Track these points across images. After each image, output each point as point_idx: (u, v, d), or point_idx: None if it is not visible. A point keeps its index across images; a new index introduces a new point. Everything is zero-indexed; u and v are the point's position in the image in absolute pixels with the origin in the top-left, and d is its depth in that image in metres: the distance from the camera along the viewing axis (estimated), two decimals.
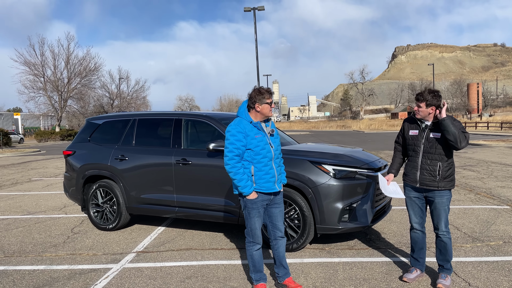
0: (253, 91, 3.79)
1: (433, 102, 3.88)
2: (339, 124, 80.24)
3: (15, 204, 8.79)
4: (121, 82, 58.78)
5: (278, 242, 3.96)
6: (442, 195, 3.94)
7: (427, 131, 3.99)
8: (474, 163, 14.17)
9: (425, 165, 3.98)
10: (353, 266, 4.55)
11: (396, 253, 4.97)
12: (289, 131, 66.36)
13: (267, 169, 3.77)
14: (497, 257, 4.72)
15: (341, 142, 29.50)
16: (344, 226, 4.88)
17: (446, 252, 3.99)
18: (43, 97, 44.71)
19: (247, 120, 3.79)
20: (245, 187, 3.69)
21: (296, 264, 4.66)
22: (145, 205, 6.04)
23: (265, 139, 3.79)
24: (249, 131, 3.73)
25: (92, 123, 6.95)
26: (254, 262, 3.90)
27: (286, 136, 6.91)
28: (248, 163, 3.75)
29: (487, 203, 7.65)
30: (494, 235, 5.58)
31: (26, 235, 6.29)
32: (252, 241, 3.87)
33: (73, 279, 4.44)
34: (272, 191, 3.82)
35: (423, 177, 3.98)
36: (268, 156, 3.77)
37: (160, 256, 5.10)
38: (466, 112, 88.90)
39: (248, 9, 25.54)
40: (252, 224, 3.83)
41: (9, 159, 22.40)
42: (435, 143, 3.92)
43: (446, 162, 3.93)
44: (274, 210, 3.95)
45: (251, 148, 3.72)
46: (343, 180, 4.92)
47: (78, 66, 46.06)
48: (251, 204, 3.77)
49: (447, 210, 3.97)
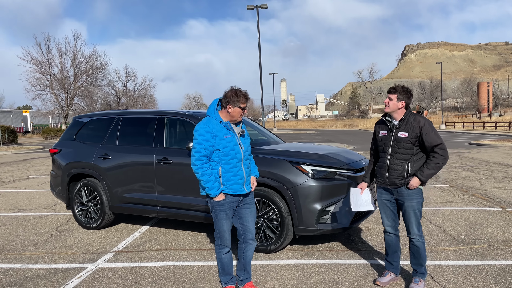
0: (230, 90, 3.65)
1: (403, 97, 3.83)
2: (346, 123, 79.87)
3: (7, 202, 8.82)
4: (127, 80, 59.05)
5: (247, 246, 3.83)
6: (412, 199, 3.84)
7: (395, 131, 3.89)
8: (475, 164, 13.95)
9: (393, 165, 3.87)
10: (328, 269, 4.47)
11: (376, 256, 4.87)
12: (294, 130, 66.23)
13: (235, 170, 3.66)
14: (479, 261, 4.60)
15: (345, 141, 29.29)
16: (322, 227, 4.80)
17: (420, 256, 3.89)
18: (50, 95, 45.05)
19: (216, 119, 3.66)
20: (212, 188, 3.59)
21: (271, 266, 4.59)
22: (127, 204, 6.00)
23: (234, 140, 3.68)
24: (218, 131, 3.60)
25: (78, 121, 6.93)
26: (223, 265, 3.82)
27: (272, 135, 6.83)
28: (216, 164, 3.63)
29: (480, 204, 7.50)
30: (480, 238, 5.45)
31: (10, 233, 6.30)
32: (221, 244, 3.77)
33: (46, 278, 4.41)
34: (241, 193, 3.72)
35: (391, 177, 3.88)
36: (237, 157, 3.66)
37: (138, 256, 5.05)
38: (476, 112, 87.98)
39: (251, 7, 25.41)
40: (220, 226, 3.73)
41: (13, 156, 22.59)
42: (402, 143, 3.83)
43: (414, 162, 3.83)
44: (245, 211, 3.82)
45: (219, 149, 3.60)
46: (322, 180, 4.83)
47: (84, 64, 46.33)
48: (219, 206, 3.67)
49: (417, 213, 3.86)
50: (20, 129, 62.07)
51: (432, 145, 3.74)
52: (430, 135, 3.73)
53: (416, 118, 3.82)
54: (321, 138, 37.33)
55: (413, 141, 3.79)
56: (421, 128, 3.76)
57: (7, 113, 65.05)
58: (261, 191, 4.97)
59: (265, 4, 25.18)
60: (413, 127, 3.79)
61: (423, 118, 3.81)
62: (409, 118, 3.85)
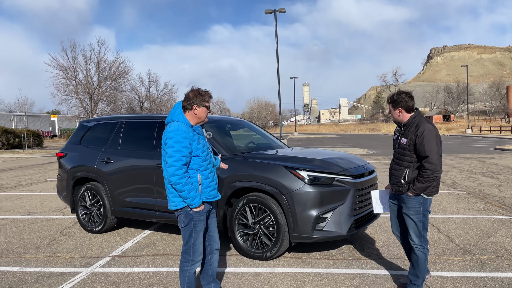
0: (191, 91, 3.47)
1: (399, 103, 3.73)
2: (368, 127, 78.77)
3: (21, 204, 9.00)
4: (150, 85, 59.93)
5: (214, 256, 3.70)
6: (408, 207, 3.71)
7: (399, 136, 3.81)
8: (497, 170, 13.44)
9: (394, 170, 3.84)
10: (323, 278, 4.32)
11: (375, 265, 4.69)
12: (315, 134, 65.75)
13: (212, 175, 3.54)
14: (483, 272, 4.36)
15: (365, 146, 28.83)
16: (318, 235, 4.65)
17: (417, 266, 3.75)
18: (75, 100, 46.10)
19: (187, 124, 3.42)
20: (195, 197, 3.34)
21: (265, 274, 4.47)
22: (128, 209, 6.00)
23: (206, 143, 3.57)
24: (193, 136, 3.41)
25: (83, 125, 7.01)
26: (190, 283, 3.50)
27: (274, 139, 6.74)
28: (194, 172, 3.40)
29: (495, 212, 7.17)
30: (489, 248, 5.19)
31: (16, 235, 6.39)
32: (193, 259, 3.47)
33: (39, 282, 4.43)
34: (217, 199, 3.59)
35: (392, 182, 3.86)
36: (212, 162, 3.56)
37: (133, 261, 5.03)
38: (505, 116, 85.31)
39: (269, 12, 25.37)
40: (197, 238, 3.46)
41: (36, 159, 23.19)
42: (401, 149, 3.73)
43: (413, 169, 3.68)
44: (211, 221, 3.67)
45: (198, 155, 3.39)
46: (318, 186, 4.70)
47: (108, 70, 47.27)
48: (199, 216, 3.43)
49: (417, 222, 3.72)
50: (48, 133, 63.84)
51: (421, 156, 3.60)
52: (422, 145, 3.57)
53: (418, 124, 3.65)
54: (342, 142, 36.87)
55: (410, 149, 3.67)
56: (417, 136, 3.61)
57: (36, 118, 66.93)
58: (257, 196, 4.87)
59: (283, 8, 25.10)
60: (412, 133, 3.66)
61: (427, 124, 3.64)
62: (412, 123, 3.71)
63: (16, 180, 13.38)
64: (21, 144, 32.32)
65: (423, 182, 3.58)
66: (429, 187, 3.61)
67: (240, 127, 6.76)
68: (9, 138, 31.76)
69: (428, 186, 3.60)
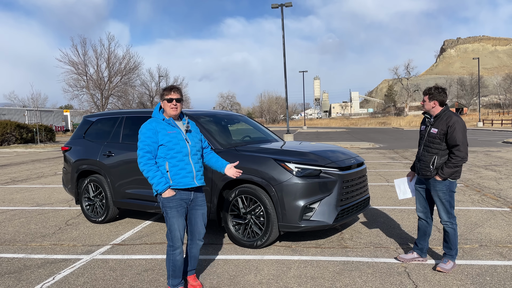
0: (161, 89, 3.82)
1: (435, 96, 4.20)
2: (379, 121, 78.33)
3: (30, 196, 9.37)
4: (160, 80, 60.44)
5: (193, 244, 3.89)
6: (436, 189, 4.23)
7: (429, 126, 4.30)
8: (500, 163, 13.47)
9: (423, 157, 4.33)
10: (308, 265, 4.54)
11: (360, 253, 4.89)
12: (325, 128, 65.63)
13: (182, 164, 3.70)
14: (463, 260, 4.53)
15: (373, 139, 28.84)
16: (306, 224, 4.87)
17: (449, 240, 4.27)
18: (86, 95, 46.76)
19: (159, 118, 3.78)
20: (158, 183, 3.60)
21: (253, 261, 4.71)
22: (129, 200, 6.28)
23: (179, 135, 3.74)
24: (161, 128, 3.70)
25: (87, 120, 7.30)
26: (174, 267, 3.74)
27: (270, 133, 6.94)
28: (162, 160, 3.68)
29: (488, 204, 7.30)
30: (474, 238, 5.35)
31: (24, 225, 6.73)
32: (172, 245, 3.70)
33: (42, 267, 4.73)
34: (190, 186, 3.73)
35: (421, 167, 4.34)
36: (182, 151, 3.71)
37: (132, 249, 5.30)
38: None
39: (276, 6, 25.48)
40: (172, 224, 3.69)
41: (48, 153, 23.73)
42: (432, 138, 4.22)
43: (442, 156, 4.18)
44: (195, 213, 3.85)
45: (163, 144, 3.66)
46: (305, 178, 4.91)
47: (118, 65, 47.81)
48: (168, 203, 3.67)
49: (444, 202, 4.22)
50: (61, 128, 64.85)
51: (451, 144, 4.10)
52: (453, 135, 4.07)
53: (450, 116, 4.15)
54: (350, 136, 36.88)
55: (441, 138, 4.17)
56: (448, 127, 4.11)
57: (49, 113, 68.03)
58: (248, 188, 5.10)
59: (289, 2, 25.11)
60: (443, 124, 4.14)
61: (456, 117, 4.13)
62: (443, 115, 4.20)
63: (27, 174, 13.81)
64: (33, 138, 33.00)
65: (452, 167, 4.11)
66: (455, 172, 4.14)
67: (236, 121, 6.98)
68: (22, 132, 32.43)
69: (454, 171, 4.14)
